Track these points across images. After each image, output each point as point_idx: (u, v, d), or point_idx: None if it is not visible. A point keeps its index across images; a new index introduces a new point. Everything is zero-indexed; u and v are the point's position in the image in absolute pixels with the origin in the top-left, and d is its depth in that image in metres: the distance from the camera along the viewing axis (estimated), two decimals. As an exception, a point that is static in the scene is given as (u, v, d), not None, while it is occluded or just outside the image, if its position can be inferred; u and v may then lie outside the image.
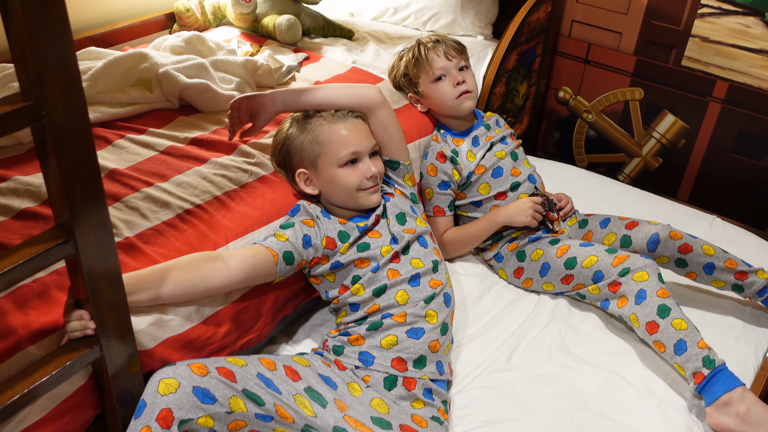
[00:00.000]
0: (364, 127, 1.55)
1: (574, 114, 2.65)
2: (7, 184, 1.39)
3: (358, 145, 1.49)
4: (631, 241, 1.71)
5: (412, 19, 2.53)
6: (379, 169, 1.53)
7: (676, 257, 1.68)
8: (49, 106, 0.86)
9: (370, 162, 1.51)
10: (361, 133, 1.52)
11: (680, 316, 1.48)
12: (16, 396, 0.97)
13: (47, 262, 0.95)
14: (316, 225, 1.46)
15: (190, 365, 1.14)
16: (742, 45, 2.18)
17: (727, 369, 1.42)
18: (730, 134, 2.31)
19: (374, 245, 1.47)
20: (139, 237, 1.31)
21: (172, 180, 1.48)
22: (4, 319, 1.08)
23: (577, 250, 1.68)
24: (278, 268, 1.38)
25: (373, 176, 1.50)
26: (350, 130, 1.50)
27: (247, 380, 1.19)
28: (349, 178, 1.48)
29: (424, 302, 1.43)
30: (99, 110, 1.66)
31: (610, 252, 1.62)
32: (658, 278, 1.54)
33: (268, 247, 1.37)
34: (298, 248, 1.40)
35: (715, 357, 1.43)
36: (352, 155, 1.48)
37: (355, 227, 1.49)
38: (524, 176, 1.86)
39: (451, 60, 1.85)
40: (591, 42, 2.49)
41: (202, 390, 1.12)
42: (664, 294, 1.51)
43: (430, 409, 1.37)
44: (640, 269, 1.55)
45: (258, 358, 1.26)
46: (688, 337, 1.46)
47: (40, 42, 0.82)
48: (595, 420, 1.44)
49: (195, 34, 1.99)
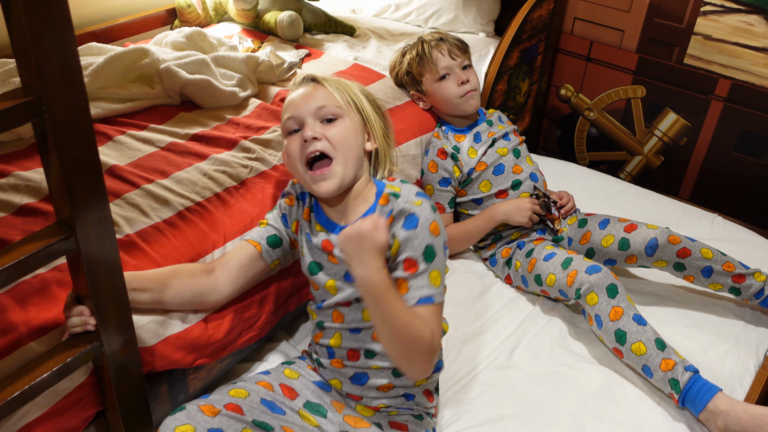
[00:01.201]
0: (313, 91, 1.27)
1: (576, 112, 2.64)
2: (8, 180, 1.38)
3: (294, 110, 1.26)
4: (629, 244, 1.70)
5: (414, 16, 2.53)
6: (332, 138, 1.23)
7: (674, 261, 1.67)
8: (51, 102, 0.86)
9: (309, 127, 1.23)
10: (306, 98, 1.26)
11: (637, 339, 1.48)
12: (16, 392, 0.96)
13: (48, 258, 0.94)
14: (296, 204, 1.36)
15: (200, 407, 1.16)
16: (744, 43, 2.18)
17: (698, 381, 1.41)
18: (731, 132, 2.31)
19: (323, 276, 1.28)
20: (140, 235, 1.31)
21: (173, 176, 1.47)
22: (4, 315, 1.08)
23: (541, 266, 1.69)
24: (266, 256, 1.34)
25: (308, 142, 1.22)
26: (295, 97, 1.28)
27: (253, 410, 1.20)
28: (291, 146, 1.26)
29: (365, 357, 1.27)
30: (100, 106, 1.65)
31: (565, 267, 1.62)
32: (608, 294, 1.53)
33: (250, 240, 1.34)
34: (280, 228, 1.35)
35: (679, 376, 1.42)
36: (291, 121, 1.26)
37: (306, 230, 1.31)
38: (526, 174, 1.85)
39: (455, 59, 1.84)
40: (593, 39, 2.48)
41: (216, 431, 1.13)
42: (617, 315, 1.51)
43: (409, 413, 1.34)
44: (588, 291, 1.55)
45: (255, 382, 1.27)
46: (650, 361, 1.46)
47: (41, 37, 0.82)
48: (596, 418, 1.44)
49: (196, 30, 1.98)
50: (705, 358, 1.59)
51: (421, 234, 1.14)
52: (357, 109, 1.27)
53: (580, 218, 1.86)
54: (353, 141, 1.24)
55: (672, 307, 1.74)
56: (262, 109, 1.78)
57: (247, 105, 1.79)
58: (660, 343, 1.47)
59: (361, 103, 1.28)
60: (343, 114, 1.25)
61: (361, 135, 1.27)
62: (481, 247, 1.89)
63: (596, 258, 1.77)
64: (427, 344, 1.09)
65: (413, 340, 1.08)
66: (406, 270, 1.14)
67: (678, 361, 1.44)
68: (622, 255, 1.72)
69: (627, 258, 1.72)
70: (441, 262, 1.17)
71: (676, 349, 1.55)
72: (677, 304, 1.75)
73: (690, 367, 1.43)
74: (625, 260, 1.73)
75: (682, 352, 1.59)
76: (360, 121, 1.27)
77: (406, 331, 1.08)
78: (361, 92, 1.31)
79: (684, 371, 1.42)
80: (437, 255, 1.15)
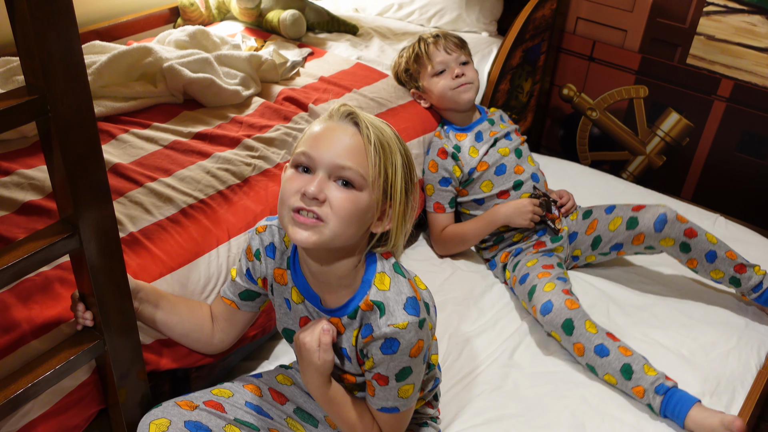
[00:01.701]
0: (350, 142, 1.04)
1: (578, 111, 2.64)
2: (11, 178, 1.38)
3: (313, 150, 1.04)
4: (637, 222, 1.69)
5: (417, 15, 2.53)
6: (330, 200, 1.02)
7: (681, 240, 1.66)
8: (55, 100, 0.86)
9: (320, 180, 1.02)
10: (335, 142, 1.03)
11: (605, 371, 1.49)
12: (19, 390, 0.97)
13: (52, 256, 0.95)
14: (257, 261, 1.19)
15: (177, 402, 1.13)
16: (747, 43, 2.17)
17: (671, 399, 1.42)
18: (734, 133, 2.31)
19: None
20: (143, 233, 1.31)
21: (176, 175, 1.47)
22: (7, 313, 1.08)
23: (517, 286, 1.71)
24: (245, 309, 1.25)
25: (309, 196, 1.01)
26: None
27: (236, 410, 1.18)
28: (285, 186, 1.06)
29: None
30: (103, 104, 1.66)
31: (530, 296, 1.63)
32: (565, 332, 1.54)
33: (224, 298, 1.25)
34: (248, 285, 1.23)
35: (651, 400, 1.43)
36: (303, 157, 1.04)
37: (284, 295, 1.19)
38: (527, 174, 1.85)
39: (451, 54, 1.85)
40: (596, 39, 2.48)
41: (194, 423, 1.10)
42: (580, 351, 1.52)
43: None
44: (549, 330, 1.57)
45: (242, 386, 1.24)
46: (624, 387, 1.48)
47: (45, 35, 0.82)
48: (598, 417, 1.44)
49: (199, 29, 1.98)
50: (706, 358, 1.59)
51: (399, 358, 1.06)
52: (384, 186, 1.04)
53: (584, 210, 1.86)
54: (358, 219, 1.03)
55: (673, 307, 1.74)
56: (265, 107, 1.78)
57: (250, 104, 1.80)
58: (626, 372, 1.46)
59: (395, 178, 1.05)
60: (364, 186, 1.02)
61: (371, 214, 1.05)
62: (483, 248, 1.89)
63: (602, 246, 1.76)
64: (411, 414, 1.14)
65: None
66: (376, 380, 1.10)
67: (647, 385, 1.44)
68: (629, 235, 1.70)
69: (634, 238, 1.70)
70: (416, 376, 1.11)
71: (679, 348, 1.55)
72: (679, 304, 1.75)
73: (660, 388, 1.43)
74: (632, 241, 1.71)
75: (684, 352, 1.59)
76: (379, 199, 1.04)
77: (353, 429, 1.15)
78: (402, 163, 1.06)
79: (654, 395, 1.43)
80: (413, 373, 1.09)
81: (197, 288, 1.33)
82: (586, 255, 1.82)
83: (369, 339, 1.06)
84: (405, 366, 1.07)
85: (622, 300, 1.76)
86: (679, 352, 1.60)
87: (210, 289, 1.35)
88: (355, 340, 1.10)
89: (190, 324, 1.24)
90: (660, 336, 1.64)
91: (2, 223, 1.26)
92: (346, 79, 1.98)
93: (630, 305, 1.74)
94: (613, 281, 1.83)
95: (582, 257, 1.84)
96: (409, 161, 1.09)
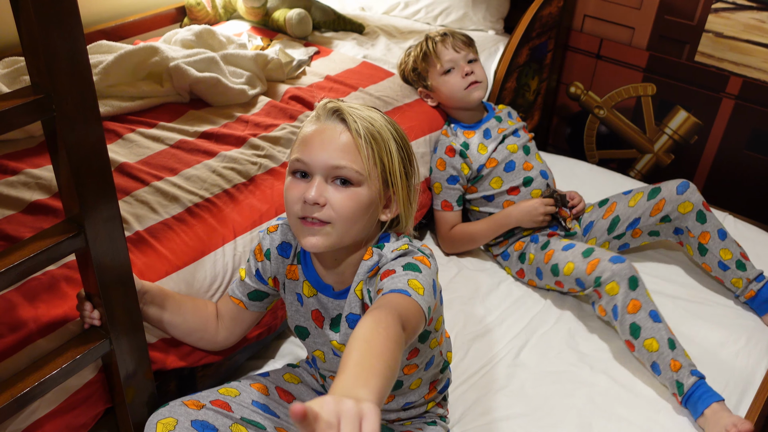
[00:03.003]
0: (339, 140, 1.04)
1: (586, 109, 2.63)
2: (18, 177, 1.39)
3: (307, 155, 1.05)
4: (660, 189, 1.76)
5: (423, 14, 2.52)
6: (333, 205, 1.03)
7: (699, 208, 1.72)
8: (60, 99, 0.86)
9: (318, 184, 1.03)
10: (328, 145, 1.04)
11: (651, 335, 1.48)
12: (26, 389, 0.97)
13: (58, 255, 0.95)
14: (266, 260, 1.20)
15: (184, 401, 1.13)
16: (756, 40, 2.16)
17: (700, 387, 1.41)
18: (743, 131, 2.29)
19: (312, 339, 1.21)
20: (149, 231, 1.31)
21: (182, 174, 1.48)
22: (14, 312, 1.08)
23: (558, 255, 1.69)
24: (253, 309, 1.26)
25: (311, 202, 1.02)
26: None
27: (243, 409, 1.18)
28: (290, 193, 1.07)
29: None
30: (109, 104, 1.66)
31: (586, 255, 1.62)
32: (629, 286, 1.53)
33: (232, 297, 1.25)
34: (257, 285, 1.23)
35: (684, 379, 1.43)
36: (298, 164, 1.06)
37: (296, 290, 1.19)
38: (536, 171, 1.85)
39: (459, 52, 1.84)
40: (603, 37, 2.47)
41: (201, 422, 1.10)
42: (635, 307, 1.51)
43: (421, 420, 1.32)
44: (609, 280, 1.55)
45: (249, 384, 1.24)
46: (660, 359, 1.47)
47: (50, 35, 0.82)
48: (605, 417, 1.43)
49: (206, 28, 1.98)
50: (716, 358, 1.58)
51: (404, 259, 1.03)
52: (383, 175, 1.05)
53: (598, 201, 1.89)
54: (362, 214, 1.04)
55: (682, 308, 1.73)
56: (271, 106, 1.78)
57: (256, 103, 1.80)
58: (672, 343, 1.47)
59: (392, 165, 1.06)
60: (362, 181, 1.03)
61: (375, 205, 1.06)
62: (492, 244, 1.89)
63: (619, 226, 1.81)
64: (423, 319, 0.96)
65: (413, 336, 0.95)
66: (383, 280, 1.00)
67: (685, 364, 1.44)
68: (649, 206, 1.76)
69: (654, 207, 1.75)
70: (424, 280, 1.00)
71: (687, 348, 1.55)
72: (689, 304, 1.74)
73: (696, 371, 1.43)
74: (650, 212, 1.76)
75: (693, 352, 1.58)
76: (380, 190, 1.05)
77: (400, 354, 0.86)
78: (398, 148, 1.07)
79: (690, 375, 1.43)
80: (421, 273, 1.00)
81: (203, 286, 1.33)
82: (600, 243, 1.84)
83: (375, 271, 1.05)
84: (411, 262, 1.02)
85: (630, 299, 1.75)
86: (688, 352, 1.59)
87: (216, 288, 1.35)
88: (361, 292, 1.08)
89: (195, 323, 1.24)
90: (668, 335, 1.64)
91: (9, 222, 1.26)
92: (353, 77, 1.98)
93: (638, 304, 1.73)
94: (621, 280, 1.82)
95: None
96: (405, 144, 1.09)
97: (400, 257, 1.05)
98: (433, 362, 1.23)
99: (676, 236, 1.79)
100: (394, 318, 0.87)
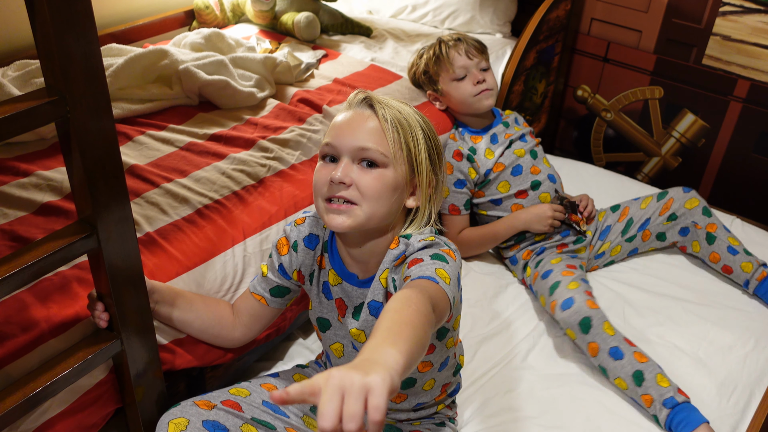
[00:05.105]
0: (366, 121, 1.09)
1: (593, 113, 2.63)
2: (30, 179, 1.40)
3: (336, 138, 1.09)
4: (667, 192, 1.87)
5: (431, 17, 2.53)
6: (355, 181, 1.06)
7: (704, 205, 1.83)
8: (74, 102, 0.87)
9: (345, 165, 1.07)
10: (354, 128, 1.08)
11: (616, 375, 1.48)
12: (38, 389, 0.98)
13: (70, 256, 0.96)
14: (291, 252, 1.21)
15: (195, 401, 1.14)
16: (764, 44, 2.16)
17: (677, 415, 1.39)
18: (751, 134, 2.29)
19: (333, 331, 1.23)
20: (159, 233, 1.32)
21: (192, 176, 1.49)
22: (26, 312, 1.09)
23: (538, 282, 1.70)
24: (274, 305, 1.26)
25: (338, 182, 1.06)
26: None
27: (253, 409, 1.19)
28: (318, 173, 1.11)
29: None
30: (120, 106, 1.67)
31: (551, 292, 1.62)
32: (581, 330, 1.52)
33: (253, 293, 1.26)
34: (280, 280, 1.24)
35: (657, 412, 1.41)
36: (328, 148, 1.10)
37: (322, 279, 1.21)
38: (544, 175, 1.85)
39: (472, 59, 1.84)
40: (610, 40, 2.47)
41: (212, 423, 1.11)
42: (594, 351, 1.50)
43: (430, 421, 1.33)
44: (565, 327, 1.56)
45: (260, 384, 1.25)
46: (634, 395, 1.46)
47: (65, 37, 0.83)
48: (613, 420, 1.43)
49: (214, 31, 2.00)
50: (723, 361, 1.58)
51: (431, 250, 1.05)
52: (409, 160, 1.08)
53: (610, 206, 1.94)
54: (388, 196, 1.06)
55: (690, 311, 1.73)
56: (280, 109, 1.79)
57: (264, 105, 1.81)
58: (638, 377, 1.44)
59: (418, 151, 1.09)
60: (388, 163, 1.06)
61: (401, 190, 1.08)
62: (504, 247, 1.89)
63: (632, 228, 1.87)
64: (449, 307, 0.96)
65: (441, 320, 0.95)
66: (410, 268, 1.02)
67: (656, 395, 1.41)
68: (659, 206, 1.85)
69: (663, 207, 1.85)
70: (450, 270, 1.01)
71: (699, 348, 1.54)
72: (695, 308, 1.74)
73: (668, 401, 1.40)
74: (660, 212, 1.85)
75: (701, 355, 1.58)
76: (406, 174, 1.08)
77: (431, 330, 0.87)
78: (425, 137, 1.10)
79: (661, 408, 1.41)
80: (448, 264, 1.02)
81: (213, 287, 1.33)
82: (614, 246, 1.87)
83: (402, 260, 1.07)
84: (438, 253, 1.04)
85: (638, 303, 1.75)
86: (695, 356, 1.59)
87: (226, 288, 1.36)
88: (385, 281, 1.10)
89: (209, 319, 1.25)
90: (676, 339, 1.64)
91: (21, 223, 1.27)
92: (360, 80, 1.98)
93: (646, 308, 1.73)
94: (630, 284, 1.82)
95: (607, 252, 1.87)
96: (433, 136, 1.13)
97: (427, 248, 1.07)
98: (448, 363, 1.24)
99: (681, 237, 1.84)
100: (425, 297, 0.89)
